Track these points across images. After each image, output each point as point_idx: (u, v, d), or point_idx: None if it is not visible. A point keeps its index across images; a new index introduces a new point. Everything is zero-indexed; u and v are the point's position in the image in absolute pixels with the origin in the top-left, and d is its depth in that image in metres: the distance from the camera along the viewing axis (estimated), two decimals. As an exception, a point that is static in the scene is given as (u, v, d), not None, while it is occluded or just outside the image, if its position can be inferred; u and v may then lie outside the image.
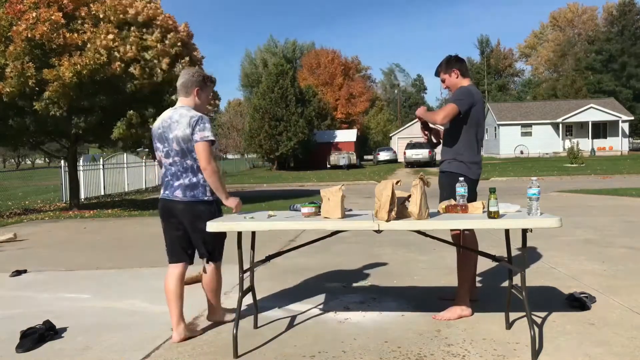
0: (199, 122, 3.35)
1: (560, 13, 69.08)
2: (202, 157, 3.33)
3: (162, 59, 10.75)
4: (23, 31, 9.83)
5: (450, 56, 4.01)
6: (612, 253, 5.83)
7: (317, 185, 21.16)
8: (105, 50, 10.20)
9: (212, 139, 3.35)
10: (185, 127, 3.35)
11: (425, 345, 3.23)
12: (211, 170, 3.34)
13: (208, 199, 3.42)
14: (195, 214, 3.39)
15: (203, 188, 3.40)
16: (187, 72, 3.55)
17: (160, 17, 11.33)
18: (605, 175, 20.46)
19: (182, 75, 3.55)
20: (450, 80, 3.96)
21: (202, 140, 3.32)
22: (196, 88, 3.48)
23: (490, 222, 3.02)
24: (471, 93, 3.83)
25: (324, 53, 56.44)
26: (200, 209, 3.39)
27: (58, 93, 9.87)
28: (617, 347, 3.11)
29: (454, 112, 3.71)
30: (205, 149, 3.33)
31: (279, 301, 4.31)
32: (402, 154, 38.97)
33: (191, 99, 3.49)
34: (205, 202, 3.41)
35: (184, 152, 3.38)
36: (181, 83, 3.52)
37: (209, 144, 3.34)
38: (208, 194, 3.42)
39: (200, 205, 3.39)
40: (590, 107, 38.74)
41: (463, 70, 3.95)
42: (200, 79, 3.51)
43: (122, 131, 10.75)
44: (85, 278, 5.41)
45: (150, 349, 3.31)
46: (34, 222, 10.81)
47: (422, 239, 4.96)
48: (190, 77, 3.50)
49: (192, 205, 3.39)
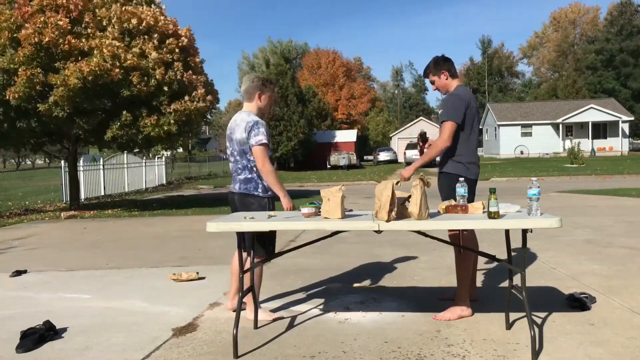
0: (253, 127, 3.66)
1: (561, 13, 69.13)
2: (257, 159, 3.66)
3: (158, 68, 10.80)
4: (31, 35, 9.88)
5: (437, 57, 3.96)
6: (612, 253, 5.83)
7: (317, 186, 21.15)
8: (110, 57, 10.25)
9: (265, 142, 3.65)
10: (242, 131, 3.70)
11: (425, 345, 3.24)
12: (266, 170, 3.66)
13: (258, 194, 3.74)
14: (245, 203, 3.75)
15: (256, 184, 3.74)
16: (248, 79, 3.84)
17: (161, 22, 11.35)
18: (605, 175, 20.46)
19: (244, 83, 3.86)
20: (440, 81, 3.93)
21: (257, 145, 3.64)
22: (258, 92, 3.79)
23: (490, 222, 3.02)
24: (461, 98, 3.78)
25: (324, 54, 56.48)
26: (250, 201, 3.74)
27: (63, 98, 9.94)
28: (617, 347, 3.11)
29: (454, 128, 3.71)
30: (260, 151, 3.65)
31: (279, 301, 4.31)
32: (402, 154, 38.99)
33: (254, 103, 3.81)
34: (255, 196, 3.74)
35: (241, 153, 3.75)
36: (244, 90, 3.84)
37: (263, 147, 3.65)
38: (259, 190, 3.74)
39: (250, 197, 3.74)
40: (590, 108, 38.75)
41: (452, 70, 3.91)
42: (260, 84, 3.80)
43: (115, 130, 10.87)
44: (85, 278, 5.41)
45: (150, 349, 3.31)
46: (34, 223, 10.81)
47: (422, 239, 4.97)
48: (250, 83, 3.80)
49: (244, 196, 3.76)
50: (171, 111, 11.11)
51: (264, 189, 3.76)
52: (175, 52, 11.40)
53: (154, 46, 11.04)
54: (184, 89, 11.47)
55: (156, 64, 10.85)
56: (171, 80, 11.12)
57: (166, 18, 11.75)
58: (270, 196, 3.78)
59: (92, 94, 10.48)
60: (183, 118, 11.29)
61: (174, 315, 4.01)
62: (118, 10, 10.87)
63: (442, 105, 3.89)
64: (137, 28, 11.04)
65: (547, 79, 65.09)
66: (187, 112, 11.25)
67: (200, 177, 28.99)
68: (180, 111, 11.13)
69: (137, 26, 11.01)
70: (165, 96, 11.16)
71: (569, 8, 68.41)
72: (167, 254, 6.68)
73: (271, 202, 3.79)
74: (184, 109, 11.19)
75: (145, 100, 11.11)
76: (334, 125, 47.06)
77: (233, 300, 3.94)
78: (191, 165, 31.25)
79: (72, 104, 10.24)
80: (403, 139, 48.88)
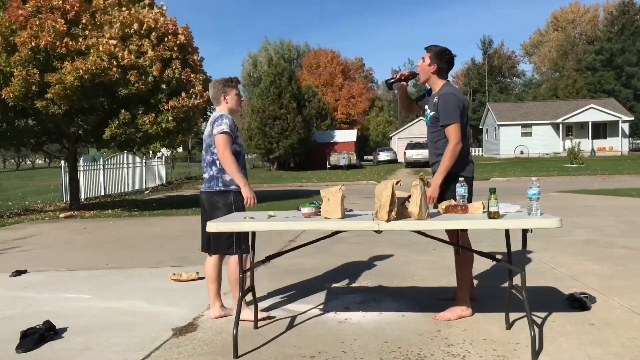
0: (218, 119, 3.75)
1: (562, 13, 69.11)
2: (218, 147, 3.67)
3: (154, 65, 10.80)
4: (27, 40, 9.90)
5: (447, 51, 3.82)
6: (612, 253, 5.83)
7: (317, 186, 21.16)
8: (107, 55, 10.26)
9: (227, 130, 3.67)
10: (209, 125, 3.82)
11: (425, 345, 3.23)
12: (225, 159, 3.65)
13: (219, 189, 3.72)
14: (211, 202, 3.75)
15: (217, 180, 3.74)
16: (211, 87, 3.96)
17: (160, 22, 11.36)
18: (605, 175, 20.46)
19: (209, 90, 3.99)
20: (424, 67, 3.80)
21: (218, 133, 3.68)
22: (222, 94, 3.89)
23: (490, 222, 3.02)
24: (457, 98, 3.71)
25: (323, 53, 56.48)
26: (215, 199, 3.73)
27: (59, 95, 9.96)
28: (617, 347, 3.11)
29: (459, 129, 3.65)
30: (221, 139, 3.66)
31: (279, 301, 4.31)
32: (402, 154, 38.98)
33: (223, 105, 3.91)
34: (218, 192, 3.72)
35: (206, 148, 3.81)
36: (211, 97, 3.97)
37: (224, 135, 3.66)
38: (220, 185, 3.73)
39: (214, 195, 3.74)
40: (590, 108, 38.74)
41: (442, 70, 3.80)
42: (221, 86, 3.90)
43: (113, 129, 10.87)
44: (86, 278, 5.41)
45: (150, 349, 3.31)
46: (34, 223, 10.81)
47: (422, 239, 4.96)
48: (213, 89, 3.93)
49: (209, 195, 3.77)
50: (169, 108, 11.12)
51: (225, 184, 3.74)
52: (174, 50, 11.41)
53: (151, 43, 11.04)
54: (182, 86, 11.48)
55: (152, 61, 10.85)
56: (169, 78, 11.13)
57: (166, 18, 11.76)
58: (234, 190, 3.74)
59: (90, 92, 10.50)
60: (181, 115, 11.30)
61: (174, 315, 4.01)
62: (121, 15, 10.88)
63: (441, 108, 3.71)
64: (139, 32, 11.07)
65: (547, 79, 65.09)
66: (185, 108, 11.26)
67: (200, 177, 28.96)
68: (178, 108, 11.13)
69: (138, 30, 11.04)
70: (163, 94, 11.17)
71: (568, 8, 68.41)
72: (167, 254, 6.68)
73: (237, 196, 3.74)
74: (182, 105, 11.19)
75: (144, 98, 11.13)
76: (333, 125, 47.05)
77: (214, 307, 3.88)
78: (191, 165, 31.23)
79: (69, 102, 10.26)
80: (403, 138, 48.85)
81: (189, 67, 11.72)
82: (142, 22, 11.05)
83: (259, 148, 36.02)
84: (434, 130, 3.84)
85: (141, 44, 10.93)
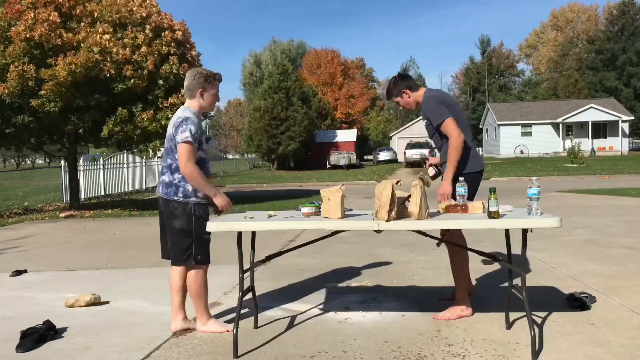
0: (182, 123, 3.36)
1: (561, 13, 69.09)
2: (180, 158, 3.33)
3: (149, 58, 10.79)
4: (22, 32, 9.93)
5: (394, 77, 3.98)
6: (612, 253, 5.83)
7: (317, 185, 21.15)
8: (98, 48, 10.24)
9: (190, 140, 3.30)
10: (171, 126, 3.44)
11: (425, 345, 3.24)
12: (188, 172, 3.31)
13: (179, 199, 3.39)
14: (169, 209, 3.43)
15: (176, 188, 3.40)
16: (190, 75, 3.53)
17: (154, 15, 11.35)
18: (606, 175, 20.46)
19: (186, 78, 3.55)
20: (404, 100, 3.94)
21: (181, 142, 3.31)
22: (199, 89, 3.48)
23: (490, 222, 3.02)
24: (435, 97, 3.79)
25: (323, 53, 56.48)
26: (173, 206, 3.41)
27: (53, 91, 9.98)
28: (617, 347, 3.11)
29: (454, 122, 3.67)
30: (183, 149, 3.31)
31: (279, 301, 4.30)
32: (402, 154, 38.99)
33: (195, 100, 3.51)
34: (177, 202, 3.39)
35: (167, 151, 3.47)
36: (186, 86, 3.54)
37: (187, 146, 3.30)
38: (180, 195, 3.38)
39: (173, 202, 3.41)
40: (590, 107, 38.75)
41: (412, 85, 3.92)
42: (202, 80, 3.48)
43: (111, 127, 10.87)
44: (86, 278, 5.41)
45: (150, 349, 3.31)
46: (34, 222, 10.81)
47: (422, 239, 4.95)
48: (192, 80, 3.49)
49: (166, 202, 3.44)
50: (168, 105, 11.12)
51: (185, 194, 3.38)
52: (171, 46, 11.41)
53: (147, 37, 11.01)
54: (180, 82, 11.48)
55: (145, 55, 10.82)
56: (167, 74, 11.12)
57: (160, 12, 11.76)
58: (196, 202, 3.39)
59: (85, 89, 10.50)
60: None
61: (174, 315, 4.00)
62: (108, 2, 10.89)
63: (427, 113, 3.79)
64: (130, 19, 11.02)
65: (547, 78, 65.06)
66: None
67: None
68: (177, 105, 11.13)
69: (128, 17, 10.99)
70: (161, 90, 11.16)
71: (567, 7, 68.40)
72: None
73: (200, 207, 3.41)
74: (181, 102, 11.20)
75: (141, 95, 11.13)
76: (333, 125, 47.07)
77: (176, 319, 3.60)
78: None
79: (64, 99, 10.26)
80: (403, 138, 48.87)
81: (187, 63, 11.72)
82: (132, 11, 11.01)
83: (260, 148, 35.96)
84: (433, 136, 3.89)
85: (135, 37, 10.90)
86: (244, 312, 3.73)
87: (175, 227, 3.40)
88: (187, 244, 3.40)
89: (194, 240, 3.40)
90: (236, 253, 3.34)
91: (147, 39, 11.01)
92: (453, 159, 3.65)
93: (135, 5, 11.16)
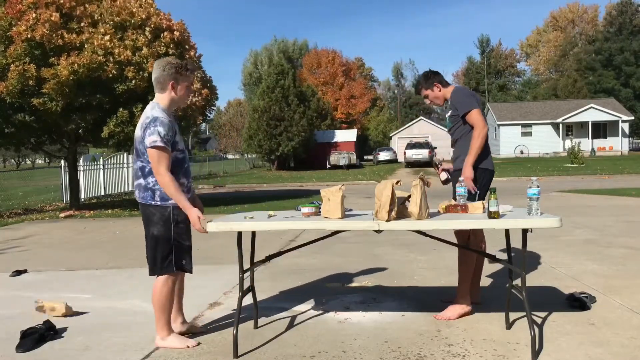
0: (150, 124, 3.08)
1: (560, 13, 69.08)
2: (152, 164, 3.09)
3: (149, 60, 10.80)
4: (23, 32, 9.94)
5: (427, 72, 4.10)
6: (612, 253, 5.83)
7: (317, 185, 21.15)
8: (102, 50, 10.27)
9: (160, 144, 3.05)
10: (139, 127, 3.16)
11: (425, 345, 3.24)
12: (161, 180, 3.08)
13: (156, 203, 3.17)
14: (146, 214, 3.22)
15: (152, 192, 3.16)
16: (159, 66, 3.21)
17: (154, 17, 11.36)
18: (606, 175, 20.46)
19: (154, 70, 3.23)
20: (434, 93, 4.04)
21: (150, 146, 3.06)
22: (170, 82, 3.19)
23: (490, 222, 3.02)
24: (465, 88, 4.02)
25: (324, 53, 56.50)
26: (151, 211, 3.18)
27: (55, 90, 9.99)
28: (617, 347, 3.11)
29: (480, 114, 3.77)
30: (153, 155, 3.06)
31: (279, 301, 4.31)
32: (402, 154, 38.98)
33: (167, 94, 3.22)
34: (155, 206, 3.17)
35: (137, 153, 3.19)
36: (155, 79, 3.23)
37: (157, 151, 3.05)
38: (157, 199, 3.16)
39: (150, 207, 3.18)
40: (590, 107, 38.76)
41: (443, 81, 4.05)
42: (173, 71, 3.18)
43: (111, 127, 10.88)
44: (85, 278, 5.41)
45: (150, 349, 3.31)
46: (34, 222, 10.81)
47: (422, 239, 4.96)
48: (161, 71, 3.19)
49: (144, 207, 3.22)
50: None
51: (163, 197, 3.15)
52: (169, 47, 11.42)
53: (147, 39, 11.04)
54: None
55: (146, 57, 10.84)
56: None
57: (159, 12, 11.78)
58: (175, 205, 3.15)
59: (87, 88, 10.51)
60: (179, 113, 11.31)
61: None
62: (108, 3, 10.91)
63: (455, 102, 3.87)
64: (129, 21, 11.04)
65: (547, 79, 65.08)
66: (184, 107, 11.27)
67: (200, 177, 29.01)
68: None
69: (129, 20, 11.00)
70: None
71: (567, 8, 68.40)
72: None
73: (175, 210, 3.17)
74: None
75: (142, 96, 11.14)
76: (333, 125, 47.07)
77: (175, 324, 3.46)
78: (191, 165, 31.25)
79: (66, 98, 10.28)
80: (403, 138, 48.85)
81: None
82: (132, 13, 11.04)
83: (260, 148, 35.94)
84: (454, 128, 3.94)
85: (136, 39, 10.91)
86: (244, 312, 3.73)
87: (153, 233, 3.17)
88: (167, 251, 3.19)
89: (174, 247, 3.20)
90: (236, 253, 3.34)
91: (147, 41, 11.03)
92: (477, 145, 3.71)
93: (134, 7, 11.17)
